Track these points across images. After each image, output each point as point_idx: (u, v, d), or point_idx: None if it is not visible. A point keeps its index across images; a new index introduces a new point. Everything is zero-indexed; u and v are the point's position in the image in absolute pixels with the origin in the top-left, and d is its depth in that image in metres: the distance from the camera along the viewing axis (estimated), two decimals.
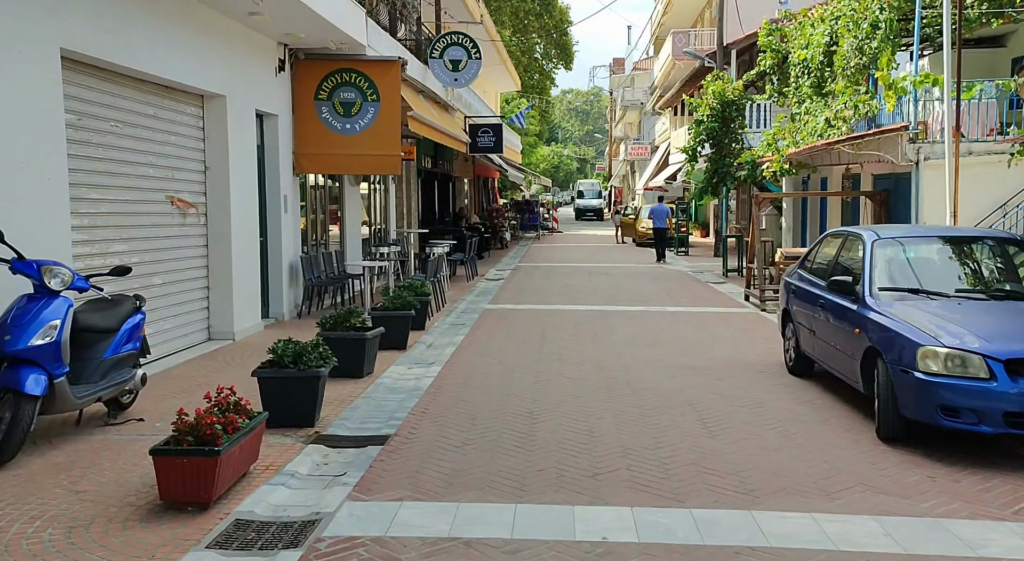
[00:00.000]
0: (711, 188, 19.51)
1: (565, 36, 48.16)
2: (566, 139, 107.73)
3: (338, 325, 8.31)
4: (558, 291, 16.55)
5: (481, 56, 17.22)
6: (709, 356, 9.53)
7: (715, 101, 19.15)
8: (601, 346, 10.27)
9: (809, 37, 16.80)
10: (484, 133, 21.54)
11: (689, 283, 18.09)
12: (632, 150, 49.06)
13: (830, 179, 16.42)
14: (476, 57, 17.10)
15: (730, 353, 9.76)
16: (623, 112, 58.96)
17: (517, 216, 35.53)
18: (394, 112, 12.65)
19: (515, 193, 53.72)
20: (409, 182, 20.09)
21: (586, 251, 28.33)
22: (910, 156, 12.28)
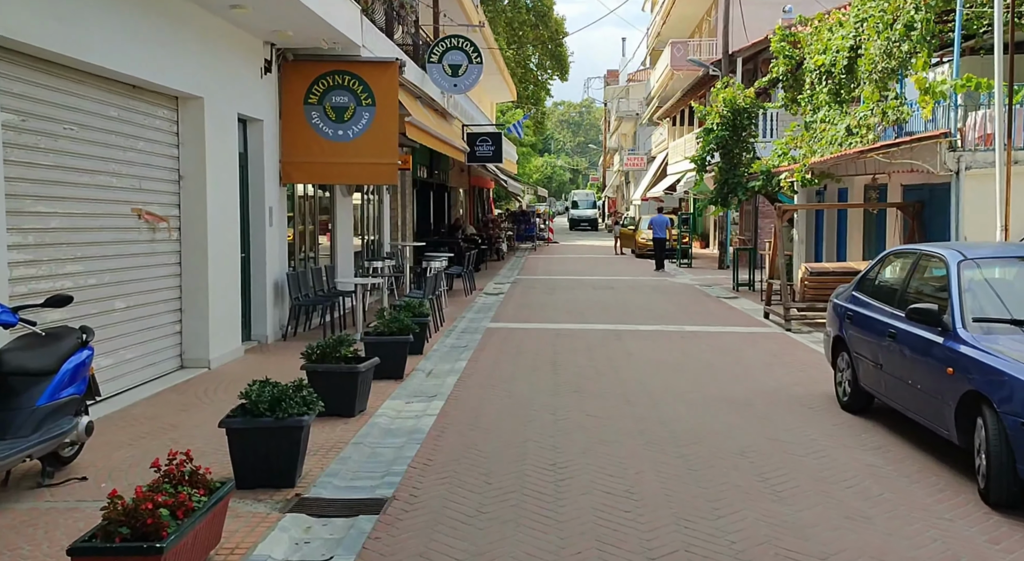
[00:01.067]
0: (721, 199, 18.54)
1: (560, 47, 47.36)
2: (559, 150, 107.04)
3: (326, 356, 7.24)
4: (563, 307, 15.51)
5: (482, 61, 16.24)
6: (745, 387, 8.49)
7: (726, 109, 18.21)
8: (622, 374, 9.22)
9: (827, 42, 15.89)
10: (483, 142, 20.54)
11: (700, 298, 17.08)
12: (628, 160, 48.19)
13: (851, 190, 15.47)
14: (477, 61, 16.11)
15: (766, 382, 8.72)
16: (618, 123, 58.18)
17: (513, 227, 34.53)
18: (391, 118, 11.62)
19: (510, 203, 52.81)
20: (405, 192, 19.06)
21: (585, 263, 27.32)
22: (950, 165, 11.31)
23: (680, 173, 32.23)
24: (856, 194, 15.29)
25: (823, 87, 16.08)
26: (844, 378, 7.45)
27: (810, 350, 10.81)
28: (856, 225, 15.38)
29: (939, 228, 12.12)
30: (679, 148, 33.79)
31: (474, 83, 16.46)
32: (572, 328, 12.89)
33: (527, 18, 44.54)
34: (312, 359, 7.24)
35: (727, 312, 14.89)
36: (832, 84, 15.85)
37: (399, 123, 12.25)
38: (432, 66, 16.00)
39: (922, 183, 12.61)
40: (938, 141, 11.31)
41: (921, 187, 12.69)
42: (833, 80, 15.77)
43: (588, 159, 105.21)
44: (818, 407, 7.62)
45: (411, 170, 18.64)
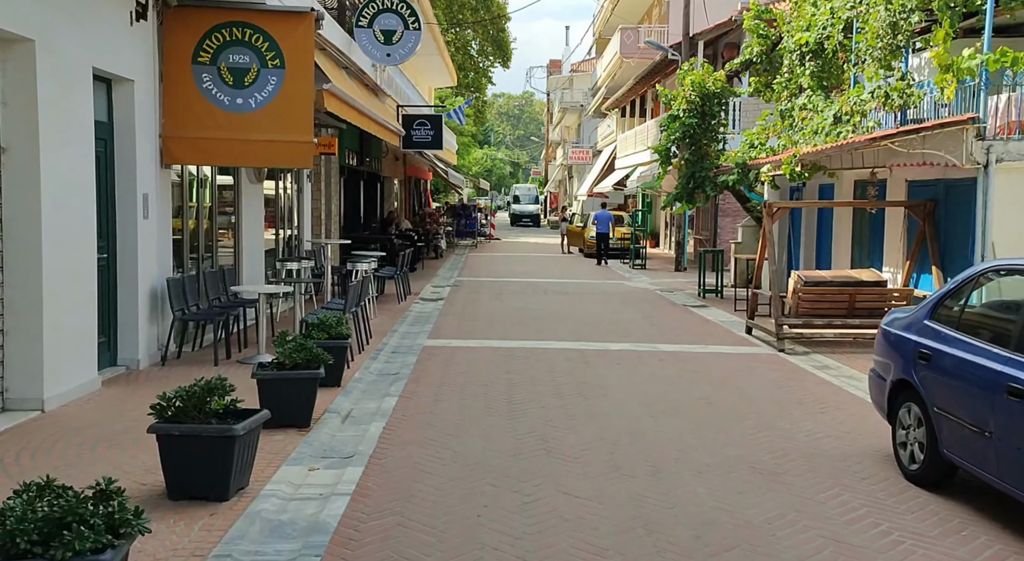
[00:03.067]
0: (687, 195, 16.65)
1: (502, 32, 45.10)
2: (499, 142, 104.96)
3: (187, 412, 4.92)
4: (514, 317, 13.35)
5: (420, 26, 13.95)
6: (766, 442, 6.47)
7: (694, 93, 16.31)
8: (601, 420, 7.10)
9: (811, 18, 14.10)
10: (420, 125, 18.23)
11: (665, 307, 15.14)
12: (573, 154, 46.35)
13: (839, 186, 13.73)
14: (414, 27, 13.82)
15: (789, 433, 6.73)
16: (561, 115, 56.32)
17: (452, 222, 32.26)
18: (304, 84, 9.26)
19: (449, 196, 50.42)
20: (330, 181, 16.64)
21: (533, 262, 25.22)
22: (977, 157, 9.55)
23: (630, 167, 30.47)
24: (845, 190, 13.53)
25: (804, 70, 14.30)
26: (912, 439, 5.47)
27: (820, 380, 8.90)
28: (844, 226, 13.62)
29: (957, 232, 10.38)
30: (629, 141, 32.02)
31: (410, 53, 14.16)
32: (528, 347, 10.74)
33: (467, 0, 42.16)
34: (166, 416, 4.91)
35: (701, 326, 12.95)
36: (816, 65, 14.08)
37: (316, 93, 9.91)
38: (361, 31, 13.63)
39: (935, 179, 10.86)
40: (964, 128, 9.54)
41: (933, 183, 10.93)
42: (819, 60, 14.00)
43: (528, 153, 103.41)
44: (873, 476, 5.64)
45: (337, 155, 16.22)
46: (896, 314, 6.09)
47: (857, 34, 12.28)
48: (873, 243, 12.66)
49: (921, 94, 10.87)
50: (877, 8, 11.57)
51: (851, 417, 7.27)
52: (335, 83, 11.15)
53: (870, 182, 11.86)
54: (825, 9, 13.74)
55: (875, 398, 6.14)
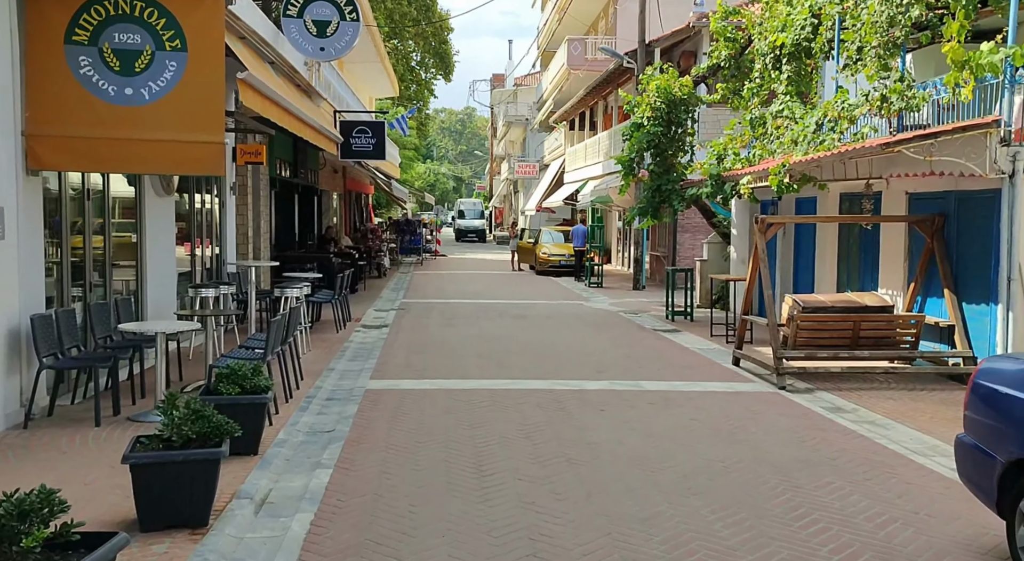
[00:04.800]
0: (652, 209, 15.27)
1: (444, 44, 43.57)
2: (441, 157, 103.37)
3: None
4: (471, 348, 11.69)
5: (359, 17, 12.25)
6: (820, 532, 4.96)
7: (659, 100, 14.97)
8: (599, 500, 5.49)
9: (786, 17, 12.90)
10: (361, 133, 16.49)
11: (635, 332, 13.67)
12: (519, 168, 44.97)
13: (823, 199, 12.49)
14: (352, 17, 12.13)
15: (847, 518, 5.25)
16: (505, 129, 55.01)
17: (396, 238, 30.44)
18: (212, 72, 7.49)
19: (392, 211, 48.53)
20: (258, 194, 14.76)
21: (483, 281, 23.58)
22: (1002, 165, 8.32)
23: (581, 181, 29.18)
24: (831, 203, 12.29)
25: (779, 74, 13.08)
26: None
27: (842, 429, 7.46)
28: (828, 243, 12.37)
29: (973, 251, 9.13)
30: (579, 154, 30.76)
31: (348, 46, 12.45)
32: (491, 388, 9.10)
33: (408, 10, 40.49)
34: None
35: (681, 355, 11.49)
36: (792, 69, 12.87)
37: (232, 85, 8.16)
38: (290, 21, 11.89)
39: (943, 190, 9.62)
40: (988, 132, 8.30)
41: (941, 196, 9.70)
42: (796, 63, 12.79)
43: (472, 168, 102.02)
44: None
45: (267, 165, 14.39)
46: (998, 364, 4.65)
47: (845, 32, 11.06)
48: (865, 262, 11.42)
49: (925, 96, 9.66)
50: (871, 1, 10.35)
51: (908, 488, 5.83)
52: (260, 78, 9.41)
53: (866, 195, 10.61)
54: (803, 7, 12.56)
55: (971, 477, 4.67)
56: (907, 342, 9.44)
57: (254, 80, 8.77)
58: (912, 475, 6.10)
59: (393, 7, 39.14)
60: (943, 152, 8.55)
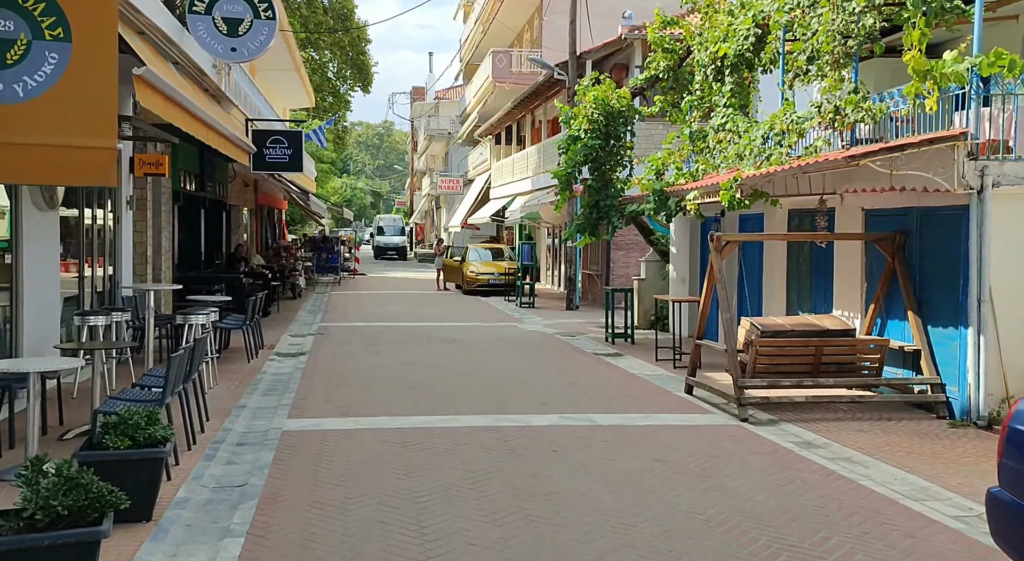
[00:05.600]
0: (590, 226, 14.57)
1: (363, 55, 42.31)
2: (359, 171, 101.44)
3: None
4: (400, 378, 10.65)
5: (275, 15, 11.13)
6: None
7: (597, 112, 14.32)
8: None
9: (728, 27, 12.44)
10: (276, 143, 15.25)
11: (576, 357, 12.88)
12: (441, 183, 43.99)
13: (770, 216, 12.01)
14: (267, 16, 11.02)
15: None
16: (427, 143, 53.98)
17: (312, 256, 28.98)
18: (102, 66, 6.30)
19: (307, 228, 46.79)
20: (159, 209, 13.40)
21: (408, 301, 22.45)
22: (970, 180, 7.89)
23: (508, 197, 28.45)
24: (779, 221, 11.81)
25: (722, 86, 12.60)
26: None
27: (821, 470, 6.78)
28: (777, 262, 11.88)
29: (938, 271, 8.68)
30: (506, 169, 30.04)
31: (263, 47, 11.31)
32: (427, 426, 8.10)
33: (324, 19, 39.11)
34: None
35: (629, 383, 10.73)
36: (735, 80, 12.40)
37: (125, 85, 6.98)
38: (197, 18, 10.69)
39: (904, 207, 9.18)
40: (955, 144, 7.86)
41: (902, 212, 9.25)
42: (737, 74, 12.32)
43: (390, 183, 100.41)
44: None
45: (170, 177, 13.05)
46: None
47: (795, 42, 10.61)
48: (817, 282, 10.94)
49: (882, 108, 9.22)
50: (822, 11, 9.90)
51: (914, 544, 5.13)
52: (163, 77, 8.22)
53: (819, 211, 10.11)
54: (746, 17, 12.11)
55: (1013, 541, 3.97)
56: (871, 368, 8.92)
57: (154, 77, 7.59)
58: (912, 526, 5.42)
59: (308, 15, 37.70)
60: (910, 166, 8.08)
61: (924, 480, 6.39)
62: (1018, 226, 7.88)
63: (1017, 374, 7.91)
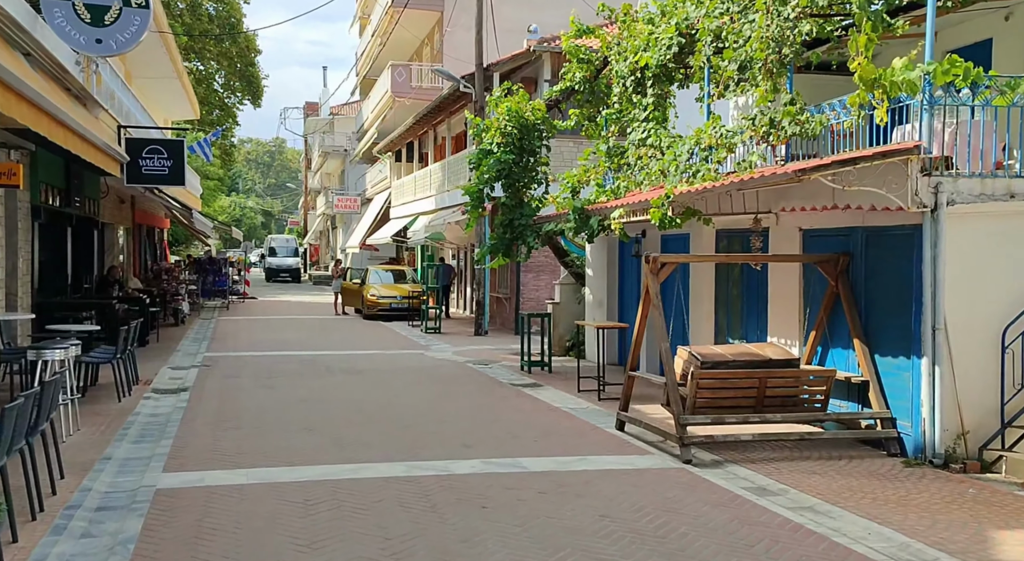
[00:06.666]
0: (504, 247, 13.67)
1: (252, 67, 40.27)
2: (248, 190, 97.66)
3: None
4: (299, 419, 9.36)
5: (149, 5, 9.72)
6: None
7: (510, 124, 13.49)
8: None
9: (648, 36, 11.88)
10: (154, 154, 13.66)
11: (493, 389, 11.87)
12: (338, 202, 42.27)
13: (696, 236, 11.42)
14: (138, 4, 9.58)
15: None
16: (322, 160, 52.06)
17: (197, 279, 26.91)
18: None
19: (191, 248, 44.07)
20: (14, 226, 11.67)
21: (303, 328, 20.87)
22: (923, 197, 7.42)
23: (410, 216, 27.30)
24: (706, 241, 11.23)
25: (643, 99, 12.01)
26: None
27: (787, 524, 6.00)
28: (705, 285, 11.27)
29: (886, 296, 8.18)
30: (407, 187, 28.91)
31: (134, 40, 9.91)
32: (332, 478, 6.91)
33: (210, 28, 36.95)
34: None
35: (554, 419, 9.80)
36: (657, 92, 11.82)
37: None
38: (53, 4, 9.16)
39: (847, 226, 8.67)
40: (907, 159, 7.38)
41: (844, 232, 8.74)
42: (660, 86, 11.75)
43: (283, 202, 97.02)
44: None
45: (28, 190, 11.34)
46: None
47: (725, 51, 10.07)
48: (750, 308, 10.37)
49: (822, 120, 8.74)
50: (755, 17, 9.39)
51: None
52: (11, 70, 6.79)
53: (754, 231, 9.55)
54: (669, 26, 11.57)
55: None
56: (817, 401, 8.32)
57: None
58: None
59: (192, 23, 35.48)
60: (862, 181, 7.54)
61: (902, 535, 5.70)
62: (973, 248, 7.44)
63: (973, 408, 7.45)
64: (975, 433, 7.49)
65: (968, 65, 7.31)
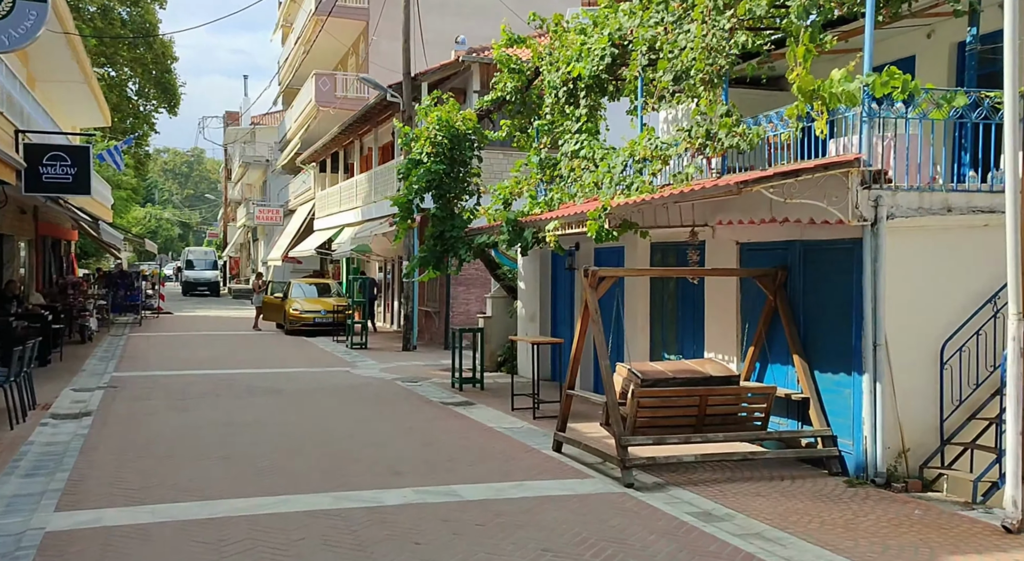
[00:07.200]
0: (435, 260, 13.19)
1: (168, 74, 38.69)
2: (165, 201, 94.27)
3: None
4: (214, 446, 8.67)
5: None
6: None
7: (440, 134, 13.06)
8: None
9: (581, 47, 11.67)
10: (56, 160, 12.70)
11: (424, 408, 11.36)
12: (259, 214, 40.92)
13: (629, 250, 11.20)
14: None
15: None
16: (243, 171, 50.49)
17: (107, 293, 25.48)
18: None
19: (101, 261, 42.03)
20: None
21: (221, 344, 19.87)
22: (864, 211, 7.32)
23: (335, 228, 26.53)
24: (640, 255, 11.01)
25: (577, 110, 11.78)
26: None
27: (739, 552, 5.72)
28: (640, 299, 11.05)
29: (826, 310, 8.06)
30: (332, 198, 28.12)
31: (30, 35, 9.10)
32: (250, 514, 6.31)
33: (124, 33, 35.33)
34: None
35: (489, 440, 9.36)
36: (590, 103, 11.61)
37: None
38: None
39: (784, 240, 8.55)
40: (847, 172, 7.28)
41: (782, 246, 8.62)
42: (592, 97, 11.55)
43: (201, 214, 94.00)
44: None
45: None
46: None
47: (660, 61, 9.90)
48: (685, 322, 10.18)
49: (759, 132, 8.61)
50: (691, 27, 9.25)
51: None
52: None
53: (691, 245, 9.36)
54: (601, 36, 11.37)
55: None
56: (757, 419, 8.13)
57: None
58: None
59: (104, 27, 33.86)
60: (803, 194, 7.40)
61: None
62: (912, 262, 7.37)
63: (914, 426, 7.36)
64: (916, 451, 7.40)
65: (906, 77, 7.27)
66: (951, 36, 10.14)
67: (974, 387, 7.44)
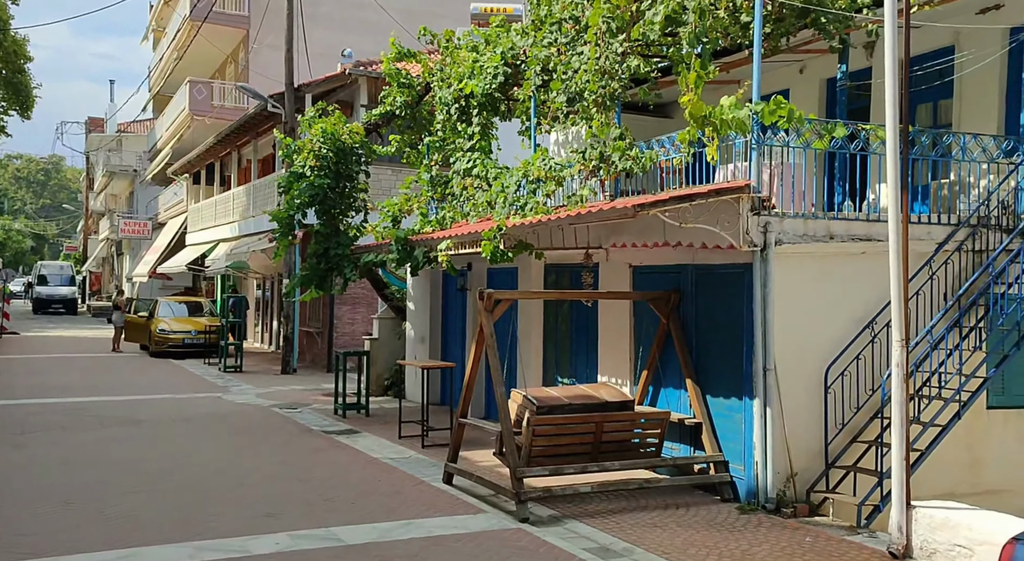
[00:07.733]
0: (318, 279, 12.50)
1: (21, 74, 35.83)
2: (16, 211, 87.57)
3: None
4: (56, 489, 7.70)
5: None
6: None
7: (325, 147, 12.45)
8: None
9: (473, 64, 11.42)
10: None
11: (303, 439, 10.63)
12: (125, 226, 38.38)
13: (523, 271, 10.94)
14: None
15: None
16: (107, 180, 47.36)
17: None
18: None
19: None
20: None
21: (76, 367, 18.22)
22: (754, 236, 7.33)
23: (209, 243, 25.13)
24: (534, 276, 10.78)
25: (467, 128, 11.50)
26: None
27: None
28: (534, 321, 10.79)
29: (715, 335, 8.02)
30: (207, 212, 26.66)
31: None
32: None
33: None
34: None
35: (375, 474, 8.78)
36: (482, 120, 11.37)
37: None
38: None
39: (676, 264, 8.48)
40: (738, 198, 7.28)
41: (675, 270, 8.55)
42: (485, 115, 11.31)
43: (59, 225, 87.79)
44: None
45: None
46: None
47: (553, 81, 9.74)
48: (579, 345, 10.00)
49: (653, 156, 8.55)
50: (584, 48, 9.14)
51: None
52: None
53: (585, 266, 9.19)
54: (494, 54, 11.17)
55: None
56: (651, 445, 7.98)
57: None
58: None
59: None
60: (697, 218, 7.33)
61: None
62: (798, 288, 7.42)
63: (801, 449, 7.38)
64: (803, 475, 7.42)
65: (792, 107, 7.34)
66: (822, 72, 10.57)
67: (855, 410, 7.55)
